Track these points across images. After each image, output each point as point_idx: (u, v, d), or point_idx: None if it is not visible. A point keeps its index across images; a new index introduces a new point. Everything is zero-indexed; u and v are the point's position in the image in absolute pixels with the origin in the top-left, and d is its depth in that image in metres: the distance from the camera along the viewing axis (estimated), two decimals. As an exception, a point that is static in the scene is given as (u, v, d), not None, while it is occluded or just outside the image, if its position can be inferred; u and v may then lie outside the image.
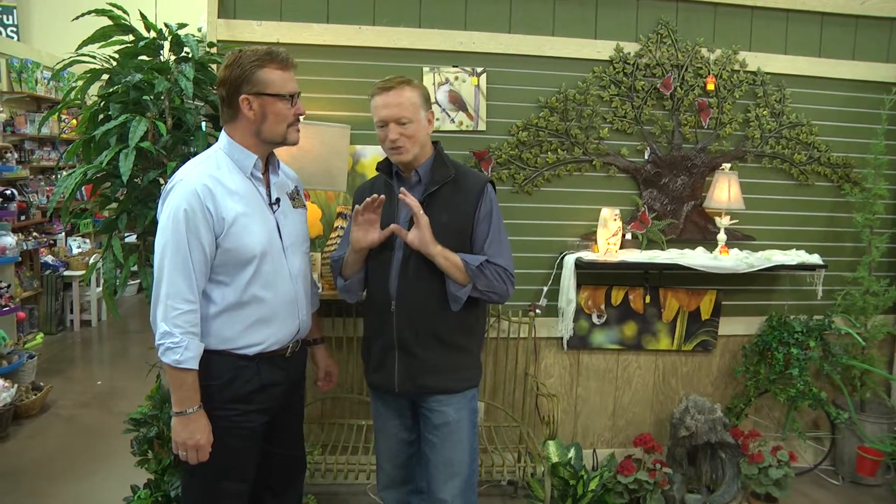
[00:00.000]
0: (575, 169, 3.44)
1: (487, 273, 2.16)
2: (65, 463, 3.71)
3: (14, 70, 6.28)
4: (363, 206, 2.13)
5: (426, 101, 2.21)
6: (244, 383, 2.03)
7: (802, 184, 3.63)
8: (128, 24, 2.62)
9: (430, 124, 2.22)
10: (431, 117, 2.23)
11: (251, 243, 1.98)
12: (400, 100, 2.13)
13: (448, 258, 2.13)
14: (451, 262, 2.13)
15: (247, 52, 1.98)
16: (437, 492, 2.27)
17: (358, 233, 2.17)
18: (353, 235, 2.19)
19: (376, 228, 2.17)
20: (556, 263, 3.46)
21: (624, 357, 3.61)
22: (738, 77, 3.49)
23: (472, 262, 2.14)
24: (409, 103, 2.14)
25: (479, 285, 2.16)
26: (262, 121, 1.99)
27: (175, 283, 1.90)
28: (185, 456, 1.97)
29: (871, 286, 3.58)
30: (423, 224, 2.09)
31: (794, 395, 3.46)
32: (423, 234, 2.09)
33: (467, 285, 2.15)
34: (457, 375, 2.23)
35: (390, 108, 2.13)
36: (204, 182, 1.93)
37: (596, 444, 3.65)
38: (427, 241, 2.10)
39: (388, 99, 2.14)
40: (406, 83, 2.16)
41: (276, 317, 2.06)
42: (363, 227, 2.16)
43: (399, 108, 2.13)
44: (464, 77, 3.28)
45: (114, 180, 2.58)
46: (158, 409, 2.77)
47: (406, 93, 2.14)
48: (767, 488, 3.26)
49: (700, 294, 3.57)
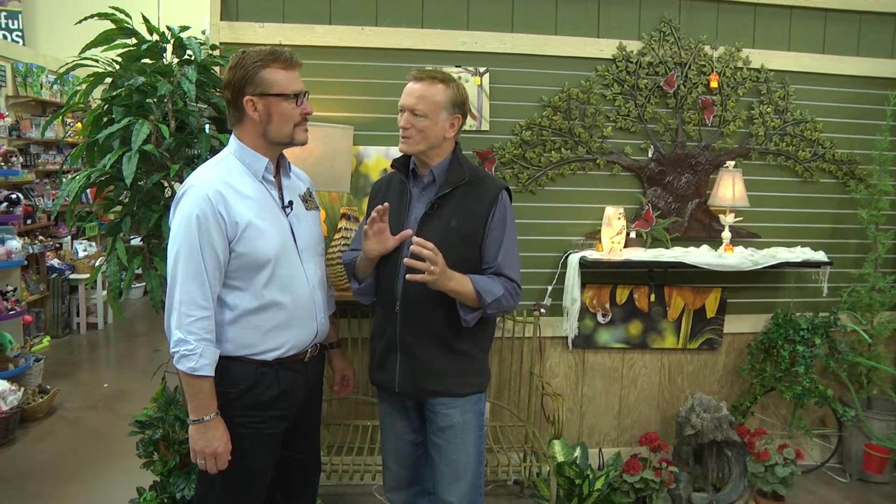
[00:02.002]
0: (579, 168, 3.43)
1: (502, 301, 2.13)
2: (71, 465, 3.72)
3: (19, 74, 6.32)
4: (370, 221, 2.10)
5: (456, 104, 2.15)
6: (264, 390, 2.00)
7: (807, 181, 3.62)
8: (130, 27, 2.62)
9: (451, 128, 2.16)
10: (457, 122, 2.17)
11: (265, 247, 1.95)
12: (423, 92, 2.11)
13: (461, 292, 2.08)
14: (464, 294, 2.08)
15: (250, 53, 1.96)
16: (442, 494, 2.26)
17: (371, 244, 2.14)
18: (367, 246, 2.15)
19: (388, 235, 2.15)
20: (560, 262, 3.45)
21: (629, 356, 3.61)
22: (742, 74, 3.48)
23: (487, 296, 2.09)
24: (431, 99, 2.11)
25: (490, 310, 2.14)
26: (268, 122, 1.97)
27: (188, 289, 1.88)
28: (204, 465, 1.94)
29: (877, 283, 3.56)
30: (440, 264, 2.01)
31: (800, 393, 3.45)
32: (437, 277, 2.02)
33: (477, 311, 2.13)
34: (459, 380, 2.20)
35: (411, 96, 2.12)
36: (216, 187, 1.92)
37: (602, 444, 3.64)
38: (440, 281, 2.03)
39: (414, 88, 2.13)
40: (440, 80, 2.13)
41: (294, 321, 2.03)
42: (376, 236, 2.13)
43: (418, 99, 2.11)
44: (467, 77, 3.28)
45: (117, 183, 2.58)
46: (164, 411, 2.77)
47: (433, 88, 2.12)
48: (774, 486, 3.25)
49: (705, 292, 3.56)
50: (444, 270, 2.02)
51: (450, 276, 2.05)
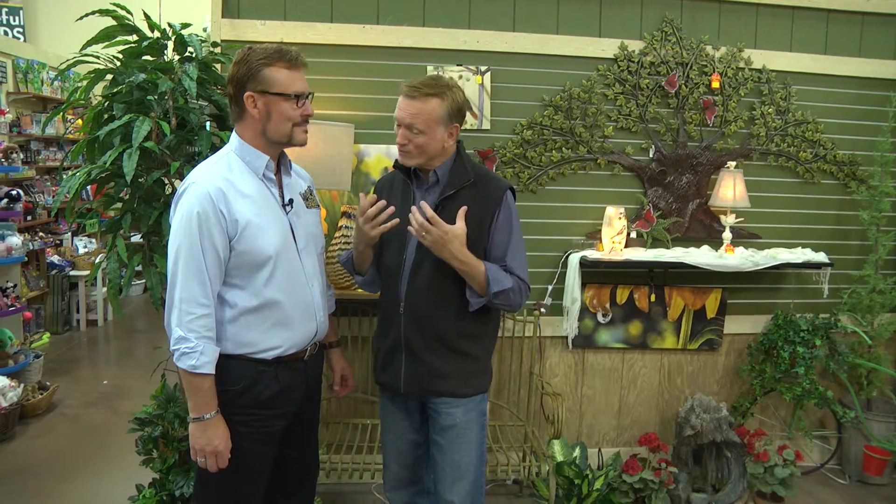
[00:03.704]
0: (579, 167, 3.43)
1: (510, 294, 2.13)
2: (70, 462, 3.72)
3: (20, 71, 6.31)
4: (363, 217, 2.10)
5: (452, 115, 2.11)
6: (263, 388, 2.00)
7: (808, 182, 3.61)
8: (132, 24, 2.62)
9: (450, 137, 2.13)
10: (455, 130, 2.14)
11: (265, 245, 1.95)
12: (418, 110, 2.07)
13: (469, 272, 2.08)
14: (471, 274, 2.08)
15: (256, 50, 1.95)
16: (444, 494, 2.26)
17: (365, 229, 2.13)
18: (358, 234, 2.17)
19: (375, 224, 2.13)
20: (560, 262, 3.45)
21: (629, 356, 3.60)
22: (744, 75, 3.47)
23: (495, 285, 2.09)
24: (427, 116, 2.07)
25: (497, 300, 2.13)
26: (267, 120, 1.96)
27: (189, 287, 1.88)
28: (204, 463, 1.94)
29: (878, 284, 3.56)
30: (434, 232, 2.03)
31: (799, 394, 3.45)
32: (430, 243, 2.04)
33: (484, 297, 2.13)
34: (463, 381, 2.20)
35: (406, 113, 2.09)
36: (217, 184, 1.91)
37: (601, 444, 3.64)
38: (436, 246, 2.04)
39: (408, 104, 2.08)
40: (434, 95, 2.07)
41: (293, 319, 2.03)
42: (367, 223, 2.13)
43: (414, 117, 2.07)
44: (468, 76, 3.28)
45: (118, 180, 2.58)
46: (163, 408, 2.77)
47: (429, 105, 2.07)
48: (773, 487, 3.25)
49: (705, 293, 3.55)
50: (443, 240, 2.02)
51: (454, 248, 2.04)
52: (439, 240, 2.03)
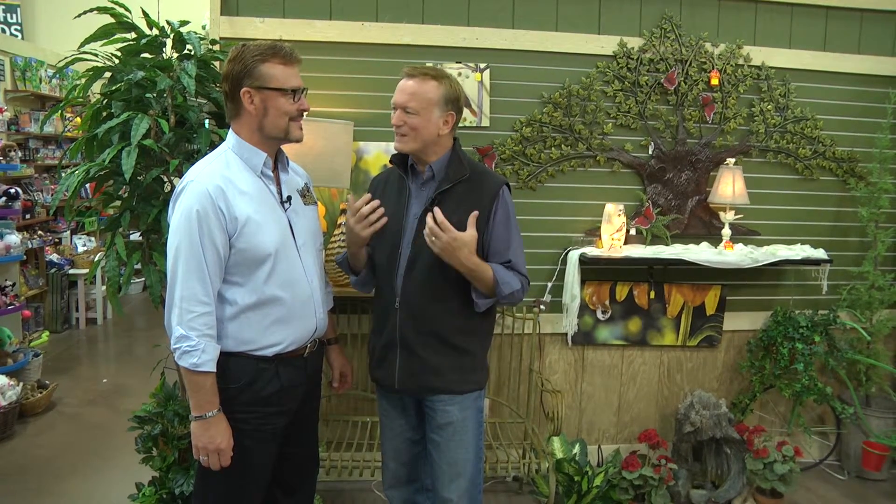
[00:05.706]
0: (579, 164, 3.43)
1: (517, 294, 2.14)
2: (70, 460, 3.72)
3: (18, 68, 6.30)
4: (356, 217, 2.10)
5: (449, 101, 2.12)
6: (264, 385, 2.01)
7: (807, 178, 3.61)
8: (130, 21, 2.62)
9: (445, 125, 2.13)
10: (451, 119, 2.14)
11: (264, 242, 1.95)
12: (415, 90, 2.09)
13: (476, 277, 2.08)
14: (479, 279, 2.09)
15: (250, 47, 1.95)
16: (442, 491, 2.26)
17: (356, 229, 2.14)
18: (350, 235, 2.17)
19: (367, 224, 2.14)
20: (560, 259, 3.45)
21: (629, 353, 3.61)
22: (743, 72, 3.47)
23: (505, 287, 2.10)
24: (423, 96, 2.09)
25: (503, 301, 2.15)
26: (264, 115, 1.96)
27: (189, 285, 1.88)
28: (206, 461, 1.94)
29: (877, 281, 3.56)
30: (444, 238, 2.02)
31: (799, 390, 3.45)
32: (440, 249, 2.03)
33: (491, 298, 2.14)
34: (459, 377, 2.20)
35: (403, 93, 2.11)
36: (216, 182, 1.91)
37: (601, 440, 3.65)
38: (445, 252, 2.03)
39: (406, 85, 2.11)
40: (433, 77, 2.11)
41: (293, 316, 2.03)
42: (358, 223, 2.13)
43: (409, 96, 2.09)
44: (467, 73, 3.27)
45: (116, 178, 2.58)
46: (163, 406, 2.77)
47: (425, 86, 2.09)
48: (773, 483, 3.25)
49: (705, 289, 3.56)
50: (452, 245, 2.02)
51: (462, 255, 2.03)
52: (447, 247, 2.02)
